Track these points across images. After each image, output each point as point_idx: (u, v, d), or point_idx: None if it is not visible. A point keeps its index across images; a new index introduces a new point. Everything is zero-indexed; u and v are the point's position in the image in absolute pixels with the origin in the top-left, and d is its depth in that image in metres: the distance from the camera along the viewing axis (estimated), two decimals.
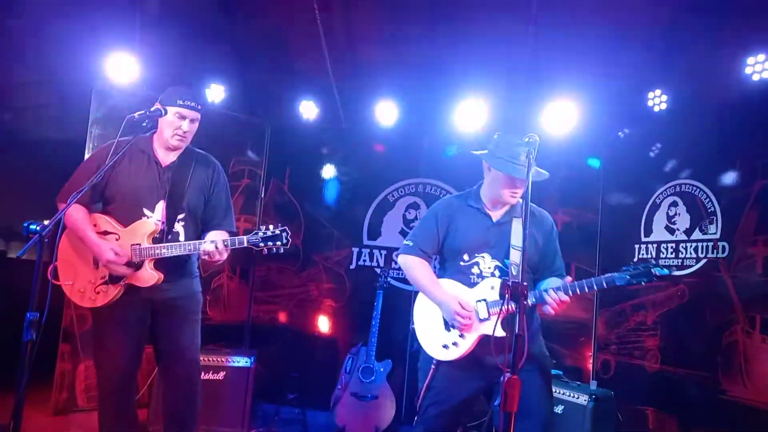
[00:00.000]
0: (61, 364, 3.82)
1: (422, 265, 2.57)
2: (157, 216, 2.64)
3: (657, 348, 3.68)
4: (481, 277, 2.47)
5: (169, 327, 2.72)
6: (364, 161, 4.75)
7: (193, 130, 2.70)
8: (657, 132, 3.92)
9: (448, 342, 2.44)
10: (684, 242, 3.59)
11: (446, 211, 2.60)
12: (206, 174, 2.78)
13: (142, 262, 2.56)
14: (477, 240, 2.50)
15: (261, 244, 2.49)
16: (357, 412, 3.66)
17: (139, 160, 2.67)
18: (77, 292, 2.60)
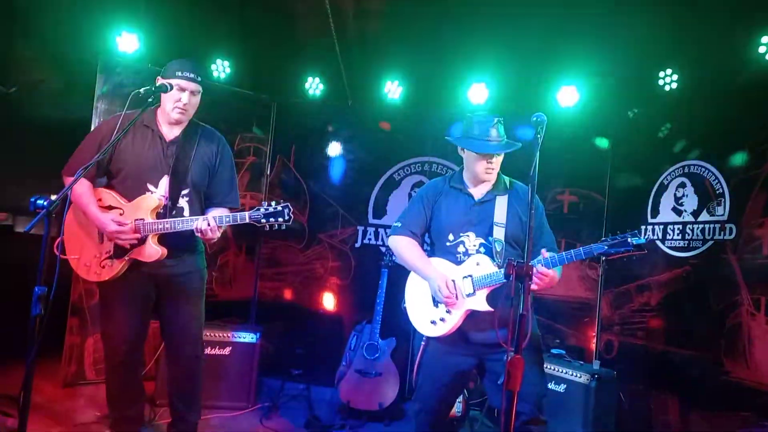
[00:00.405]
0: (70, 337, 3.87)
1: (411, 244, 2.66)
2: (161, 191, 2.64)
3: (661, 329, 3.68)
4: (467, 254, 2.53)
5: (173, 303, 2.75)
6: (370, 139, 4.73)
7: (194, 103, 2.67)
8: (667, 112, 3.87)
9: (436, 318, 2.52)
10: (691, 224, 3.57)
11: (431, 193, 2.69)
12: (211, 149, 2.77)
13: (145, 237, 2.57)
14: (460, 219, 2.58)
15: (263, 220, 2.49)
16: (361, 388, 3.71)
17: (143, 135, 2.66)
18: (83, 266, 2.63)
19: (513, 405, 1.61)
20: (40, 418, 3.17)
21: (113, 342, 2.69)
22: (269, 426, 3.50)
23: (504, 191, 2.61)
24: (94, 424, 3.21)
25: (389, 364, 3.75)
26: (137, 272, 2.62)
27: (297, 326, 4.62)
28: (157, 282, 2.70)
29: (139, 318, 2.71)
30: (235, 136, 4.51)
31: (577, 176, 4.30)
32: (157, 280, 2.69)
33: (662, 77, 3.89)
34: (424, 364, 2.60)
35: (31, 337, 1.91)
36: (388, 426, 3.70)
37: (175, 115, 2.64)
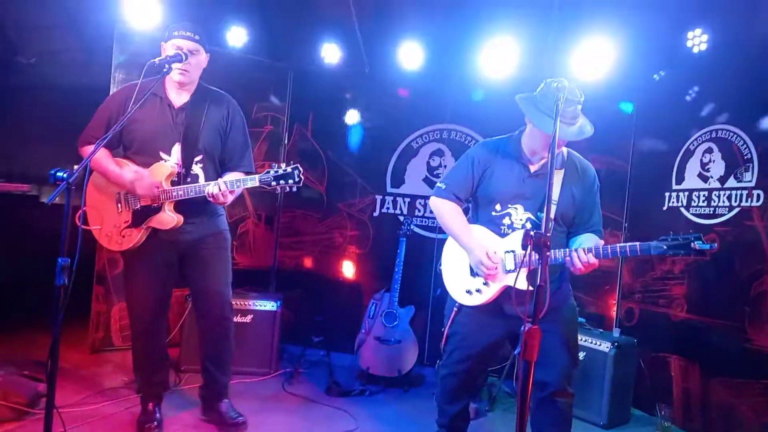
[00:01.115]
0: (96, 305, 3.97)
1: (454, 210, 2.53)
2: (174, 159, 2.64)
3: (683, 297, 3.64)
4: (512, 228, 2.42)
5: (198, 268, 2.79)
6: (388, 107, 4.66)
7: (195, 63, 2.63)
8: (695, 75, 3.73)
9: (472, 288, 2.45)
10: (717, 190, 3.48)
11: (484, 157, 2.51)
12: (221, 113, 2.74)
13: (161, 205, 2.59)
14: (511, 190, 2.43)
15: (273, 182, 2.47)
16: (380, 355, 3.75)
17: (152, 104, 2.64)
18: (105, 236, 2.69)
19: (530, 375, 1.60)
20: (68, 383, 3.28)
21: (137, 310, 2.76)
22: (291, 391, 3.58)
23: (561, 165, 2.44)
24: (121, 389, 3.30)
25: (408, 332, 3.78)
26: (158, 240, 2.66)
27: (316, 294, 4.67)
28: (180, 249, 2.73)
29: (162, 286, 2.76)
30: (252, 105, 4.49)
31: (599, 142, 4.15)
32: (179, 247, 2.73)
33: (691, 38, 3.73)
34: (456, 332, 2.56)
35: (56, 307, 1.95)
36: (407, 392, 3.75)
37: (177, 77, 2.60)
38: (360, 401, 3.52)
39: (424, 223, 4.50)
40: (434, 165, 4.51)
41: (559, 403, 2.44)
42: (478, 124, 4.43)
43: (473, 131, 4.44)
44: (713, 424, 3.33)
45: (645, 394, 3.71)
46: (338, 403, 3.44)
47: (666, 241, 2.10)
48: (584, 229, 2.46)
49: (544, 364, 2.38)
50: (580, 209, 2.46)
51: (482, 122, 4.39)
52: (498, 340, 2.55)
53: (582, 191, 2.46)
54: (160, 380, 2.90)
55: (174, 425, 2.90)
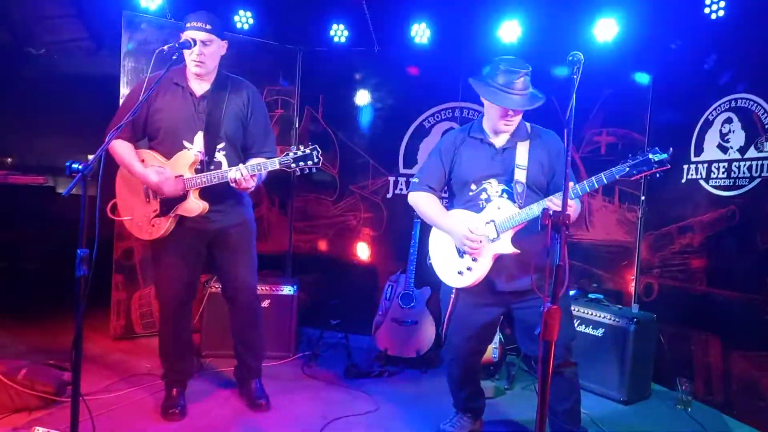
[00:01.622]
0: (116, 293, 4.02)
1: (429, 199, 2.65)
2: (197, 147, 2.68)
3: (703, 270, 3.59)
4: (489, 200, 2.51)
5: (226, 256, 2.87)
6: (399, 86, 4.61)
7: (209, 53, 2.62)
8: (713, 42, 3.63)
9: (462, 268, 2.52)
10: (737, 161, 3.41)
11: (450, 146, 2.64)
12: (241, 100, 2.77)
13: (186, 193, 2.63)
14: (482, 170, 2.54)
15: (293, 165, 2.49)
16: (398, 336, 3.77)
17: (174, 94, 2.69)
18: (136, 225, 2.76)
19: (551, 355, 1.60)
20: (92, 370, 3.34)
21: (165, 296, 2.84)
22: (310, 374, 3.61)
23: (525, 137, 2.55)
24: (144, 376, 3.35)
25: (424, 313, 3.78)
26: (186, 229, 2.71)
27: (332, 277, 4.69)
28: (207, 237, 2.80)
29: (190, 273, 2.83)
30: (262, 89, 4.46)
31: (615, 115, 4.12)
32: (207, 236, 2.79)
33: (708, 4, 3.63)
34: (454, 316, 2.65)
35: (78, 298, 1.98)
36: (425, 373, 3.76)
37: (193, 68, 2.64)
38: (379, 383, 3.55)
39: None
40: None
41: (565, 373, 2.52)
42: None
43: None
44: (735, 398, 3.31)
45: (665, 369, 3.69)
46: (357, 384, 3.47)
47: (627, 162, 2.22)
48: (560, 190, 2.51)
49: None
50: (553, 175, 2.55)
51: None
52: (494, 318, 2.63)
53: (549, 158, 2.54)
54: (184, 367, 2.97)
55: (196, 410, 2.95)
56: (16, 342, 3.80)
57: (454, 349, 2.69)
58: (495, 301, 2.55)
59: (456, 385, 2.80)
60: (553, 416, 2.59)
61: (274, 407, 3.03)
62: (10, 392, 2.71)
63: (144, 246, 4.01)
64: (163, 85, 2.60)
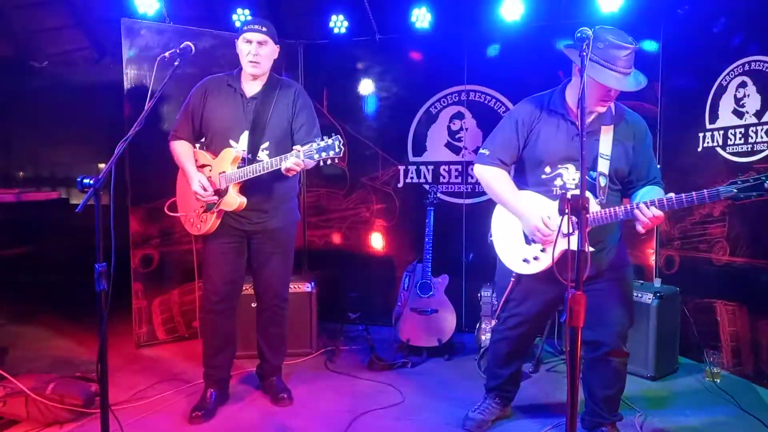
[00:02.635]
0: (136, 301, 4.04)
1: (501, 176, 2.43)
2: (242, 146, 2.80)
3: (725, 239, 3.53)
4: (565, 189, 2.31)
5: (261, 258, 2.97)
6: (403, 73, 4.55)
7: (265, 53, 2.77)
8: (721, 5, 3.53)
9: (529, 256, 2.36)
10: (754, 126, 3.32)
11: (528, 117, 2.38)
12: (288, 99, 2.88)
13: (227, 188, 2.75)
14: (561, 151, 2.31)
15: (315, 156, 2.51)
16: (419, 326, 3.75)
17: (227, 95, 2.84)
18: (189, 221, 2.91)
19: (577, 342, 1.56)
20: (119, 379, 3.37)
21: (209, 288, 2.93)
22: (334, 369, 3.61)
23: (610, 120, 2.32)
24: (171, 381, 3.38)
25: (444, 300, 3.76)
26: (229, 228, 2.84)
27: (349, 271, 4.68)
28: (249, 237, 2.90)
29: (233, 271, 2.92)
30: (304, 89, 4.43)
31: None
32: (249, 235, 2.89)
33: None
34: (513, 300, 2.55)
35: (100, 312, 1.98)
36: (449, 360, 3.75)
37: (249, 68, 2.77)
38: (403, 373, 3.54)
39: (450, 190, 4.44)
40: (455, 129, 4.41)
41: (613, 363, 2.43)
42: (498, 83, 4.29)
43: (493, 89, 4.31)
44: (765, 367, 3.26)
45: (691, 342, 3.65)
46: (382, 377, 3.47)
47: (736, 184, 1.96)
48: (645, 182, 2.36)
49: (599, 324, 2.37)
50: (636, 164, 2.35)
51: (502, 80, 4.26)
52: (552, 304, 2.55)
53: (635, 145, 2.34)
54: (222, 363, 3.01)
55: (224, 412, 2.96)
56: (43, 355, 3.85)
57: (505, 331, 2.60)
58: (554, 288, 2.40)
59: (499, 363, 2.70)
60: (590, 399, 2.53)
61: (300, 405, 3.04)
62: (40, 407, 2.74)
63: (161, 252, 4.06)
64: (218, 86, 2.84)
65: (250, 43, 2.74)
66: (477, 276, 4.25)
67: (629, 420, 2.83)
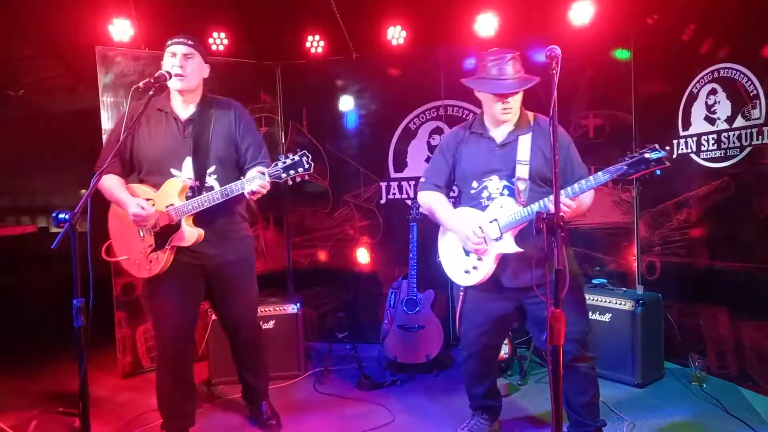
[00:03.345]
0: (120, 330, 3.99)
1: (436, 197, 2.67)
2: (186, 173, 2.57)
3: (704, 243, 3.58)
4: (491, 199, 2.50)
5: (225, 296, 2.75)
6: (381, 91, 4.58)
7: (192, 67, 2.57)
8: (690, 13, 3.61)
9: (469, 267, 2.54)
10: (726, 131, 3.39)
11: (452, 142, 2.66)
12: (229, 118, 2.68)
13: (179, 222, 2.51)
14: (482, 165, 2.54)
15: (283, 175, 2.38)
16: (406, 342, 3.75)
17: (158, 120, 2.60)
18: (134, 264, 2.62)
19: (560, 359, 1.57)
20: (103, 412, 3.30)
21: (164, 338, 2.69)
22: (323, 390, 3.59)
23: (527, 128, 2.51)
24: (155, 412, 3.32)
25: (430, 316, 3.76)
26: (182, 265, 2.58)
27: (335, 289, 4.67)
28: (205, 274, 2.67)
29: (188, 312, 2.69)
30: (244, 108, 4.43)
31: (599, 97, 4.10)
32: (206, 271, 2.66)
33: None
34: (465, 313, 2.66)
35: (79, 349, 1.95)
36: (438, 376, 3.75)
37: (177, 84, 2.54)
38: (392, 392, 3.53)
39: None
40: (435, 144, 4.43)
41: (581, 368, 2.49)
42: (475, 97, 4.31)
43: (471, 104, 4.35)
44: (749, 369, 3.30)
45: (676, 347, 3.69)
46: (371, 396, 3.46)
47: (624, 161, 2.16)
48: (572, 182, 2.43)
49: None
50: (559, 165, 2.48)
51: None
52: (504, 314, 2.60)
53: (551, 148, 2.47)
54: (185, 413, 2.80)
55: None
56: (24, 390, 3.77)
57: (468, 345, 2.71)
58: (504, 297, 2.54)
59: (473, 381, 2.78)
60: (570, 410, 2.57)
61: (290, 429, 3.01)
62: None
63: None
64: (146, 113, 2.53)
65: (175, 56, 2.53)
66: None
67: (618, 428, 2.84)
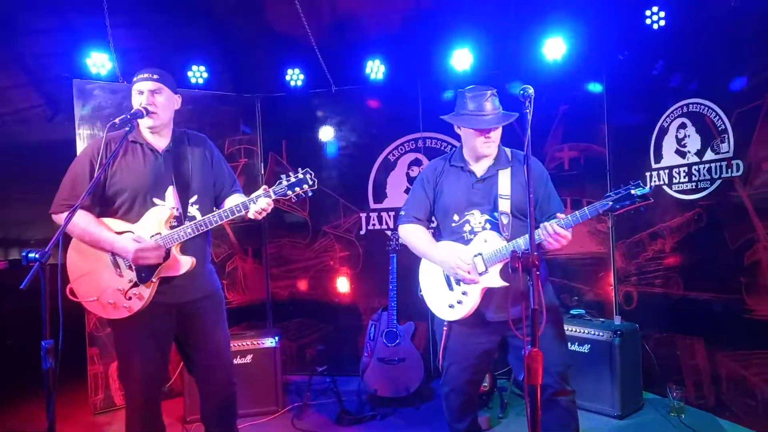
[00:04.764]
0: (92, 367, 3.89)
1: (417, 230, 2.64)
2: (170, 203, 2.50)
3: (678, 274, 3.63)
4: (473, 233, 2.49)
5: (197, 336, 2.59)
6: (360, 123, 4.63)
7: (162, 102, 2.50)
8: (659, 51, 3.73)
9: (453, 301, 2.50)
10: (696, 164, 3.48)
11: (432, 175, 2.65)
12: (203, 151, 2.66)
13: (168, 251, 2.42)
14: (463, 199, 2.53)
15: (289, 192, 2.40)
16: (386, 376, 3.71)
17: (134, 152, 2.50)
18: (107, 305, 2.40)
19: (537, 398, 1.57)
20: None
21: (133, 385, 2.53)
22: (301, 427, 3.51)
23: (506, 164, 2.54)
24: None
25: (410, 349, 3.74)
26: (154, 304, 2.43)
27: (315, 321, 4.63)
28: (176, 311, 2.54)
29: (159, 355, 2.53)
30: (224, 140, 4.45)
31: (574, 130, 4.19)
32: (178, 309, 2.53)
33: (648, 15, 3.75)
34: (449, 348, 2.61)
35: (47, 391, 1.89)
36: (419, 409, 3.71)
37: (147, 122, 2.48)
38: (373, 427, 3.48)
39: None
40: (413, 175, 4.48)
41: (562, 402, 2.47)
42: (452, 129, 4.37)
43: (448, 136, 4.41)
44: (726, 399, 3.32)
45: (655, 377, 3.71)
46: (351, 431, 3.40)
47: (609, 197, 2.21)
48: (548, 216, 2.49)
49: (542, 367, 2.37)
50: (536, 199, 2.51)
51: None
52: (488, 349, 2.58)
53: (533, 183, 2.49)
54: None
55: None
56: None
57: (450, 380, 2.64)
58: (488, 331, 2.51)
59: (455, 417, 2.72)
60: None
61: None
62: None
63: None
64: (116, 143, 2.42)
65: (142, 93, 2.47)
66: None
67: None
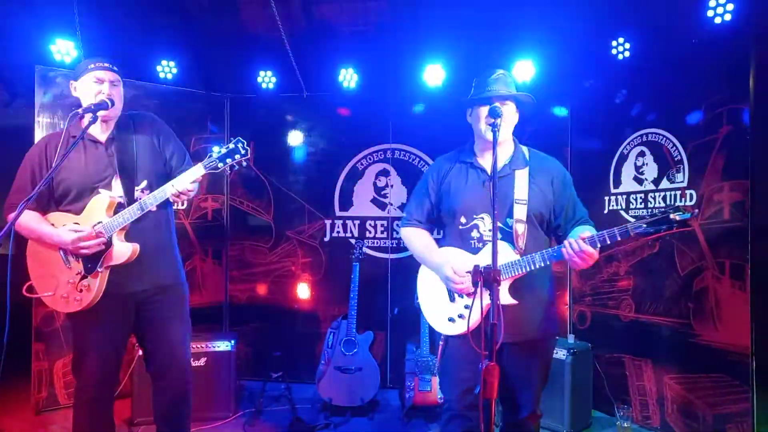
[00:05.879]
0: (37, 363, 3.74)
1: (417, 234, 2.42)
2: (116, 192, 2.45)
3: (630, 297, 3.75)
4: (482, 241, 2.22)
5: (154, 328, 2.53)
6: (330, 130, 4.63)
7: (119, 94, 2.47)
8: (622, 81, 3.88)
9: (454, 314, 2.25)
10: (652, 192, 3.61)
11: (438, 173, 2.39)
12: (149, 131, 2.58)
13: (110, 239, 2.38)
14: (473, 199, 2.24)
15: (220, 164, 2.30)
16: (342, 384, 3.69)
17: (76, 147, 2.43)
18: (61, 299, 2.40)
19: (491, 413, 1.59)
20: None
21: (86, 375, 2.47)
22: None
23: (524, 164, 2.27)
24: None
25: (368, 358, 3.74)
26: (111, 295, 2.40)
27: (273, 326, 4.57)
28: (134, 302, 2.50)
29: (114, 349, 2.49)
30: (190, 138, 4.37)
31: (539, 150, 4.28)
32: (134, 300, 2.49)
33: (615, 46, 3.89)
34: (446, 367, 2.36)
35: None
36: (372, 419, 3.70)
37: (104, 113, 2.42)
38: None
39: (376, 245, 4.48)
40: (381, 185, 4.50)
41: (531, 427, 2.37)
42: (421, 142, 4.45)
43: (417, 149, 4.45)
44: (670, 419, 3.44)
45: (604, 396, 3.80)
46: None
47: (645, 218, 1.95)
48: (574, 223, 2.27)
49: (527, 387, 2.32)
50: (561, 205, 2.27)
51: (424, 140, 4.42)
52: None
53: (554, 187, 2.27)
54: None
55: None
56: None
57: (450, 408, 2.31)
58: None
59: None
60: None
61: None
62: None
63: None
64: (60, 141, 2.40)
65: (102, 82, 2.41)
66: (402, 330, 4.27)
67: None
